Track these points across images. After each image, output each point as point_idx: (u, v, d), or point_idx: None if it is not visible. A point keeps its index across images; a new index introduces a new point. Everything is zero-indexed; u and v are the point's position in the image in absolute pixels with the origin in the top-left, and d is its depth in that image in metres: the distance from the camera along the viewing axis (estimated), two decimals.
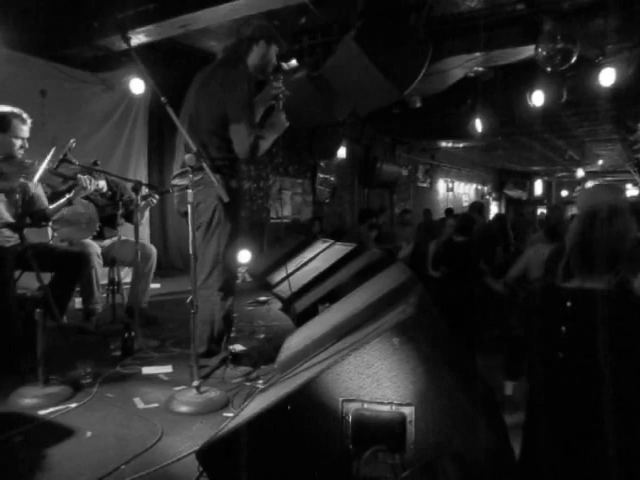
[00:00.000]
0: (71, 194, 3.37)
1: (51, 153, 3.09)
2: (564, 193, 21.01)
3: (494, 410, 1.89)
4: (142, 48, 5.07)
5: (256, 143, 2.73)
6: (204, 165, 2.40)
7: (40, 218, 3.40)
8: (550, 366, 1.51)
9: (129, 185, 3.72)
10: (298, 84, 5.34)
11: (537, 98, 6.58)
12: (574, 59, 4.90)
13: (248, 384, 2.73)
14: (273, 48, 2.94)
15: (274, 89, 2.83)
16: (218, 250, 2.79)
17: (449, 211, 9.78)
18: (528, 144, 12.01)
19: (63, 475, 1.80)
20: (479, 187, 17.44)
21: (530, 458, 1.53)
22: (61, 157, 3.12)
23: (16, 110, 3.16)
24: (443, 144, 12.52)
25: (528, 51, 5.37)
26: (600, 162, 15.50)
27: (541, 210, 17.85)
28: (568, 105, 7.09)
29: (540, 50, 4.91)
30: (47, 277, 3.21)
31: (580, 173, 16.81)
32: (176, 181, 2.92)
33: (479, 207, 8.07)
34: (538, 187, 19.86)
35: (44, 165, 3.05)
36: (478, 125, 8.14)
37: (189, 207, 2.40)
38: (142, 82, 5.89)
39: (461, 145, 12.46)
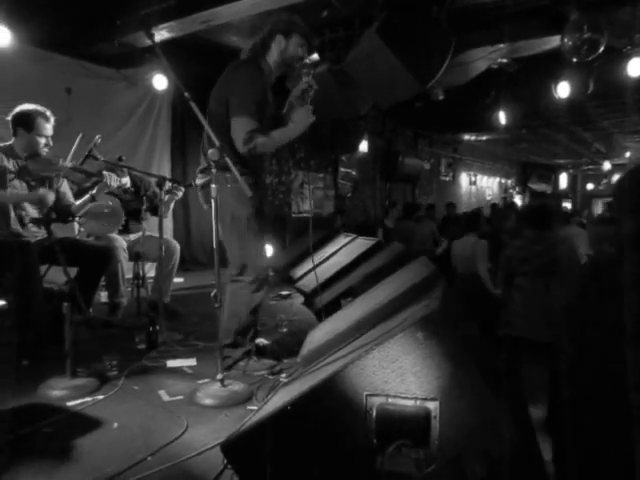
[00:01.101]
0: (94, 190, 3.43)
1: (77, 140, 3.14)
2: (590, 186, 20.61)
3: (520, 405, 1.87)
4: (165, 44, 5.10)
5: (249, 138, 2.68)
6: (227, 160, 2.40)
7: (66, 214, 3.46)
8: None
9: (153, 180, 3.76)
10: (319, 78, 5.30)
11: (562, 90, 6.46)
12: (601, 49, 4.79)
13: (271, 377, 2.75)
14: (294, 42, 2.88)
15: (303, 84, 2.80)
16: (243, 245, 2.81)
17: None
18: (553, 137, 11.82)
19: (91, 465, 1.83)
20: (502, 181, 17.23)
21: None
22: (86, 153, 3.18)
23: (40, 108, 3.21)
24: (466, 137, 12.39)
25: (553, 42, 5.28)
26: (627, 154, 15.18)
27: (566, 204, 17.59)
28: (594, 96, 6.95)
29: (566, 40, 4.82)
30: (73, 271, 3.26)
31: (607, 166, 16.51)
32: (199, 177, 2.94)
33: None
34: (563, 180, 19.53)
35: (72, 151, 3.12)
36: (502, 117, 8.03)
37: (212, 202, 2.42)
38: (165, 78, 5.95)
39: (484, 138, 12.31)
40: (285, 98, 3.09)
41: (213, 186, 2.39)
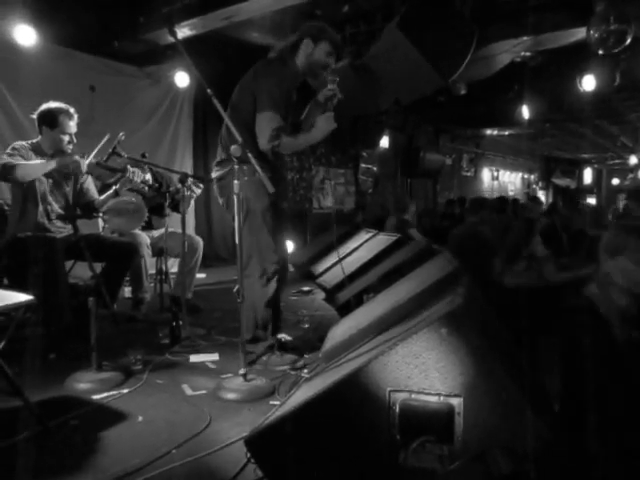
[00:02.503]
0: (117, 186, 3.47)
1: (105, 139, 3.19)
2: (615, 181, 20.21)
3: (545, 402, 1.84)
4: (187, 41, 5.14)
5: (275, 135, 2.70)
6: (249, 155, 2.41)
7: (90, 209, 3.52)
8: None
9: (175, 177, 3.79)
10: (340, 73, 5.30)
11: (588, 83, 6.35)
12: (628, 41, 4.69)
13: (293, 373, 2.76)
14: (322, 47, 2.89)
15: (327, 91, 2.80)
16: (254, 239, 2.82)
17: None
18: (578, 131, 11.61)
19: (117, 457, 1.86)
20: (525, 176, 17.00)
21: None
22: (110, 150, 3.22)
23: (63, 106, 3.26)
24: (488, 132, 12.25)
25: (579, 34, 5.17)
26: None
27: (590, 199, 17.29)
28: (621, 89, 6.81)
29: (592, 32, 4.72)
30: (98, 267, 3.31)
31: (633, 160, 16.15)
32: (215, 170, 2.96)
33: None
34: (588, 175, 19.19)
35: (98, 147, 3.16)
36: (525, 112, 7.93)
37: (235, 197, 2.43)
38: (186, 75, 5.99)
39: (507, 133, 12.15)
40: (305, 104, 3.10)
41: (235, 182, 2.40)
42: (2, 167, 3.00)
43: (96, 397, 2.42)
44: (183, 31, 5.09)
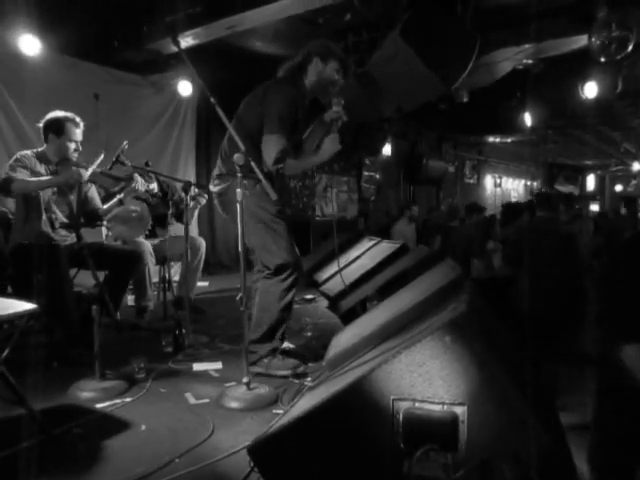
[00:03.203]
0: (121, 194, 3.48)
1: (101, 157, 3.21)
2: (618, 187, 20.17)
3: (550, 410, 1.83)
4: (190, 50, 5.17)
5: (281, 157, 2.71)
6: (252, 164, 2.42)
7: (93, 218, 3.53)
8: None
9: (179, 185, 3.81)
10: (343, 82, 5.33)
11: (590, 89, 6.35)
12: (630, 47, 4.69)
13: (296, 381, 2.75)
14: (331, 66, 2.91)
15: (332, 113, 2.82)
16: (271, 247, 2.82)
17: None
18: (580, 137, 11.61)
19: (120, 466, 1.86)
20: (528, 183, 16.99)
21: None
22: (114, 159, 3.23)
23: (69, 114, 3.28)
24: (491, 139, 12.26)
25: (581, 41, 5.18)
26: None
27: (593, 206, 17.25)
28: (624, 95, 6.81)
29: (594, 39, 4.73)
30: (101, 275, 3.32)
31: (636, 166, 16.12)
32: (215, 183, 2.96)
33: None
34: (591, 182, 19.17)
35: (97, 162, 3.18)
36: (528, 119, 7.94)
37: (237, 206, 2.43)
38: (190, 84, 6.03)
39: (509, 140, 12.16)
40: (309, 122, 3.11)
41: (238, 190, 2.40)
42: (2, 181, 3.04)
43: (99, 406, 2.41)
44: (186, 40, 5.12)
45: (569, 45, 5.57)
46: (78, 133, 3.30)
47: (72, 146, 3.28)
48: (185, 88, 6.07)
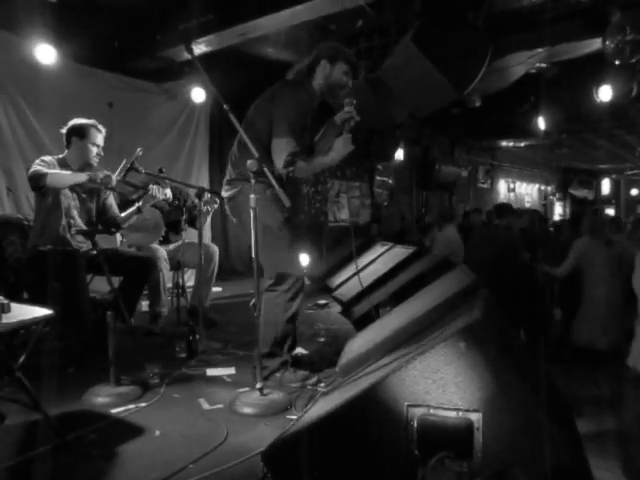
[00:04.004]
0: (140, 202, 3.50)
1: (123, 163, 3.24)
2: (634, 192, 19.95)
3: (566, 418, 1.81)
4: (203, 57, 5.20)
5: (291, 161, 2.70)
6: (265, 170, 2.42)
7: (111, 225, 3.56)
8: None
9: (192, 191, 3.83)
10: (355, 87, 5.33)
11: (604, 93, 6.29)
12: None
13: (310, 387, 2.74)
14: (339, 68, 2.90)
15: (344, 113, 2.78)
16: (275, 255, 2.82)
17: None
18: (595, 141, 11.51)
19: (134, 472, 1.86)
20: (542, 187, 16.86)
21: None
22: (128, 166, 3.26)
23: (92, 121, 3.36)
24: (504, 144, 12.18)
25: (594, 44, 5.15)
26: None
27: (609, 210, 17.06)
28: (638, 99, 6.74)
29: (608, 43, 4.70)
30: (116, 281, 3.34)
31: None
32: (225, 189, 2.97)
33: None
34: (606, 186, 18.97)
35: (121, 167, 3.21)
36: (541, 123, 7.89)
37: (251, 212, 2.43)
38: (203, 91, 6.06)
39: (523, 144, 12.08)
40: (320, 125, 3.10)
41: (252, 196, 2.40)
42: (33, 174, 3.07)
43: (114, 411, 2.42)
44: (199, 47, 5.17)
45: (583, 48, 5.53)
46: (100, 138, 3.37)
47: (94, 150, 3.33)
48: (198, 95, 6.10)
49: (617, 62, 4.84)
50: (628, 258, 3.40)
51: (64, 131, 3.35)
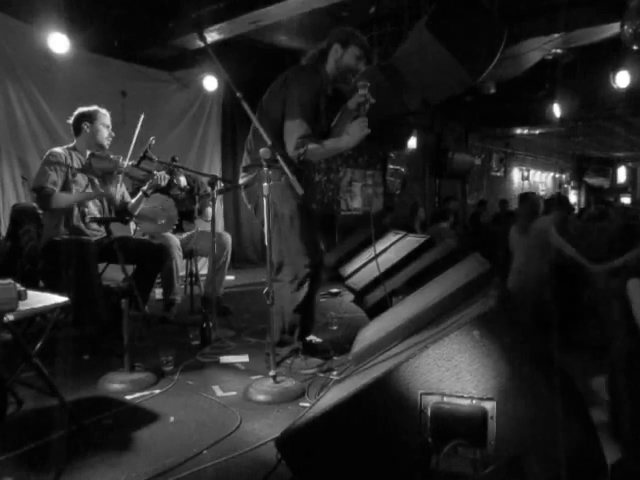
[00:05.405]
0: (145, 187, 3.51)
1: (149, 142, 3.28)
2: None
3: (581, 407, 1.80)
4: (215, 45, 5.19)
5: (302, 143, 2.67)
6: (279, 157, 2.41)
7: (123, 212, 3.58)
8: None
9: (205, 179, 3.83)
10: (368, 74, 5.29)
11: (622, 79, 6.20)
12: None
13: (322, 375, 2.75)
14: (351, 52, 2.87)
15: (359, 97, 2.71)
16: (284, 243, 2.81)
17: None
18: (611, 129, 11.36)
19: (150, 457, 1.88)
20: (557, 175, 16.69)
21: None
22: (142, 154, 3.27)
23: (95, 107, 3.41)
24: (518, 131, 12.06)
25: (612, 29, 5.06)
26: None
27: (625, 199, 16.84)
28: None
29: (626, 28, 4.61)
30: (130, 269, 3.36)
31: None
32: (242, 175, 2.97)
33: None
34: (622, 174, 18.72)
35: (132, 146, 3.25)
36: (557, 110, 7.79)
37: (264, 200, 2.43)
38: (215, 79, 6.05)
39: (537, 132, 11.95)
40: (335, 112, 3.08)
41: (265, 184, 2.40)
42: (39, 193, 3.19)
43: (129, 397, 2.45)
44: (211, 35, 5.16)
45: (600, 34, 5.44)
46: (108, 119, 3.43)
47: (106, 131, 3.38)
48: (211, 83, 6.10)
49: (635, 48, 4.75)
50: None
51: (71, 121, 3.39)
